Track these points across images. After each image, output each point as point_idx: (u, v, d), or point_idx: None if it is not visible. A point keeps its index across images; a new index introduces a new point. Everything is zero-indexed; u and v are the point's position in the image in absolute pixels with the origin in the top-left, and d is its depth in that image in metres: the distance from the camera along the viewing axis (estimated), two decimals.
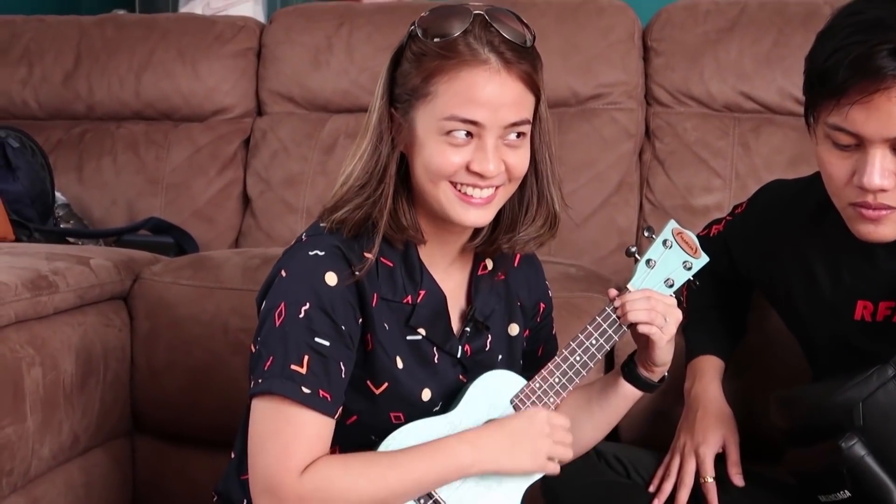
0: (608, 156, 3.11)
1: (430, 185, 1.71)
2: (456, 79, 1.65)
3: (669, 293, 1.84)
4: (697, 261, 1.85)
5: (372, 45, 3.26)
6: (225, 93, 3.36)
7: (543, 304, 1.98)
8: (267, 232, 3.21)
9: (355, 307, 1.72)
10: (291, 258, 1.73)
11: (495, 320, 1.88)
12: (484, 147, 1.68)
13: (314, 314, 1.67)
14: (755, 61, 3.08)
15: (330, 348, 1.68)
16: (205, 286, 2.59)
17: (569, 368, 1.80)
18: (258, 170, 3.28)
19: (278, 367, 1.66)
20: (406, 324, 1.78)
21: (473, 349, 1.84)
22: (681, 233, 1.85)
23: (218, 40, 3.38)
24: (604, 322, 1.82)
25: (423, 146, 1.69)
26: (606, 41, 3.17)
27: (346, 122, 3.25)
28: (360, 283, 1.72)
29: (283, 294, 1.70)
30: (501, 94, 1.66)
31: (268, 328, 1.69)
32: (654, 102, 3.17)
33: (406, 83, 1.68)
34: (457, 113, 1.66)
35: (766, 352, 2.28)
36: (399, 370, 1.76)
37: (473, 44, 1.66)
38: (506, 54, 1.66)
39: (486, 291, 1.87)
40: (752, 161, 3.03)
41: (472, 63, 1.65)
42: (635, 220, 3.08)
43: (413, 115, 1.69)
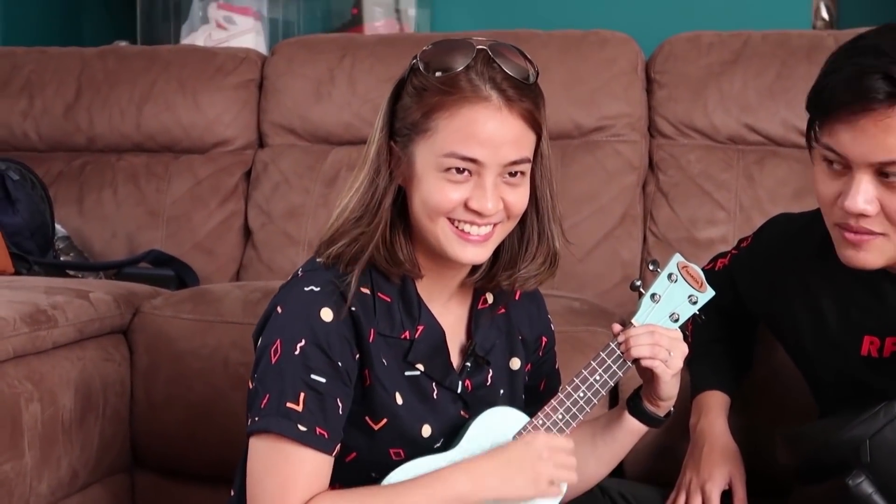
0: (611, 188, 3.11)
1: (427, 220, 1.71)
2: (456, 115, 1.65)
3: (674, 328, 1.83)
4: (703, 295, 1.85)
5: (374, 77, 3.26)
6: (226, 125, 3.36)
7: (546, 337, 1.97)
8: (268, 265, 3.20)
9: (351, 343, 1.71)
10: (287, 294, 1.73)
11: (496, 355, 1.87)
12: (483, 185, 1.68)
13: (310, 351, 1.67)
14: (759, 93, 3.08)
15: (326, 385, 1.68)
16: (205, 320, 2.58)
17: (573, 405, 1.79)
18: (259, 202, 3.28)
19: (274, 405, 1.66)
20: (404, 359, 1.77)
21: (474, 384, 1.84)
22: (686, 266, 1.85)
23: (219, 72, 3.38)
24: (608, 357, 1.81)
25: (421, 181, 1.69)
26: (609, 73, 3.17)
27: (348, 155, 3.24)
28: (356, 318, 1.72)
29: (278, 331, 1.70)
30: (502, 133, 1.66)
31: (264, 365, 1.69)
32: (657, 134, 3.17)
33: (406, 117, 1.68)
34: (456, 150, 1.66)
35: (772, 387, 2.27)
36: (398, 406, 1.76)
37: (475, 80, 1.66)
38: (508, 91, 1.66)
39: (487, 326, 1.86)
40: (757, 193, 3.02)
41: (472, 100, 1.65)
42: (639, 252, 3.08)
43: (412, 149, 1.69)
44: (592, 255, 3.06)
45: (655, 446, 2.29)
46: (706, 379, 2.17)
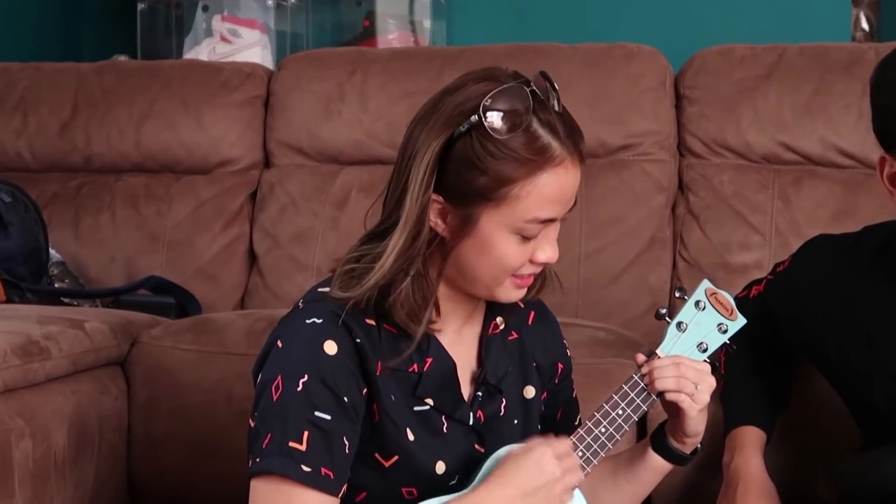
0: (639, 210, 3.10)
1: (489, 279, 1.73)
2: (537, 182, 1.67)
3: (703, 358, 1.82)
4: (734, 323, 1.84)
5: (386, 93, 3.26)
6: (230, 144, 3.37)
7: (561, 364, 1.97)
8: (274, 291, 3.20)
9: (358, 377, 1.71)
10: (288, 327, 1.73)
11: (509, 383, 1.87)
12: (550, 236, 1.73)
13: (313, 387, 1.67)
14: (795, 110, 3.07)
15: (332, 422, 1.67)
16: (207, 351, 2.58)
17: (593, 441, 1.79)
18: (265, 225, 3.28)
19: (276, 445, 1.66)
20: (413, 394, 1.77)
21: (487, 415, 1.84)
22: (715, 293, 1.84)
23: (223, 88, 3.39)
24: (631, 390, 1.80)
25: (488, 244, 1.70)
26: (637, 89, 3.17)
27: (359, 175, 3.24)
28: (362, 351, 1.72)
29: (279, 366, 1.70)
30: (574, 185, 1.72)
31: (265, 403, 1.69)
32: (687, 153, 3.17)
33: (471, 182, 1.67)
34: (539, 216, 1.69)
35: (810, 422, 2.26)
36: (410, 442, 1.76)
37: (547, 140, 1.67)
38: (568, 143, 1.68)
39: (499, 352, 1.86)
40: (794, 216, 3.01)
41: (549, 165, 1.68)
42: (668, 279, 3.07)
43: (475, 213, 1.69)
44: (619, 282, 3.05)
45: (686, 485, 2.27)
46: (741, 414, 2.16)
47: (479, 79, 1.70)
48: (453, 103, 1.68)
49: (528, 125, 1.66)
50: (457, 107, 1.68)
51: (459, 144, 1.67)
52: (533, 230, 1.70)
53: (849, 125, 3.01)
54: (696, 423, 1.82)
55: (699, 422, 1.83)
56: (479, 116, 1.66)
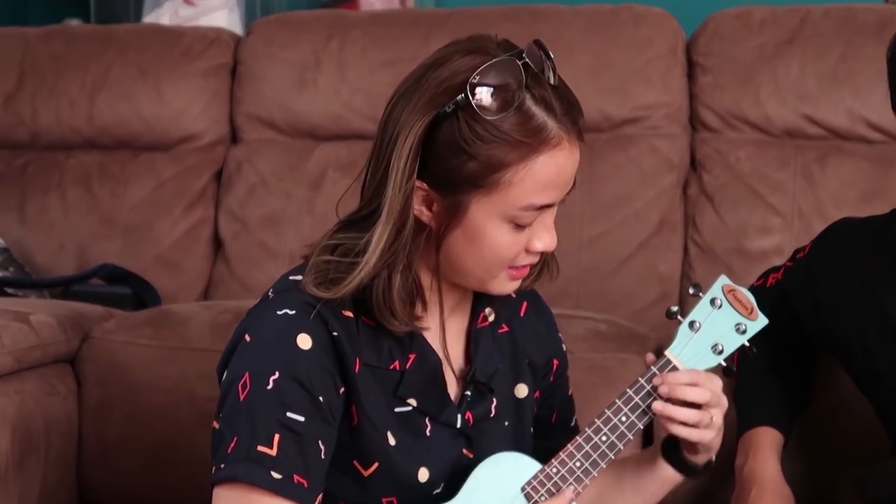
0: (647, 191, 3.10)
1: (481, 271, 1.73)
2: (533, 165, 1.66)
3: (718, 361, 1.82)
4: (754, 323, 1.84)
5: (367, 61, 3.26)
6: (193, 117, 3.36)
7: (557, 360, 1.96)
8: (242, 281, 3.20)
9: (335, 374, 1.71)
10: (256, 319, 1.73)
11: (500, 381, 1.87)
12: (546, 223, 1.72)
13: (285, 385, 1.66)
14: (820, 79, 3.07)
15: (305, 424, 1.66)
16: (167, 346, 2.58)
17: (593, 450, 1.78)
18: (232, 208, 3.28)
19: (243, 449, 1.65)
20: (394, 394, 1.77)
21: (476, 416, 1.83)
22: (733, 290, 1.84)
23: (186, 55, 3.39)
24: (636, 395, 1.80)
25: (479, 234, 1.69)
26: (644, 56, 3.17)
27: (336, 152, 3.24)
28: (339, 345, 1.71)
29: (247, 362, 1.69)
30: (573, 167, 1.70)
31: (230, 403, 1.68)
32: (700, 127, 3.17)
33: (460, 168, 1.66)
34: (535, 202, 1.68)
35: (833, 425, 2.26)
36: (392, 447, 1.75)
37: (541, 118, 1.65)
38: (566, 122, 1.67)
39: (488, 347, 1.86)
40: (818, 196, 3.01)
41: (545, 147, 1.66)
42: (679, 266, 3.07)
43: (464, 200, 1.68)
44: (624, 269, 3.05)
45: (696, 490, 2.28)
46: (756, 414, 2.16)
47: (465, 51, 1.68)
48: (437, 79, 1.66)
49: (520, 103, 1.64)
50: (441, 83, 1.66)
51: (445, 126, 1.66)
52: (528, 217, 1.69)
53: (879, 95, 2.98)
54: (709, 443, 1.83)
55: (716, 439, 1.83)
56: (465, 95, 1.64)
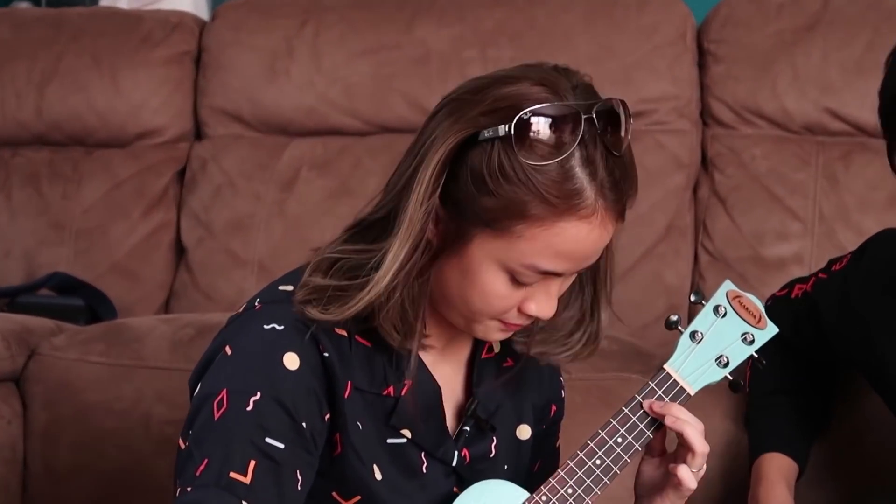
0: (653, 192, 3.09)
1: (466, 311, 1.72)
2: (551, 229, 1.64)
3: (723, 374, 1.82)
4: (762, 332, 1.84)
5: (345, 49, 3.26)
6: (153, 110, 3.37)
7: (555, 406, 1.97)
8: (206, 292, 3.21)
9: (321, 400, 1.71)
10: (240, 331, 1.73)
11: (502, 419, 1.87)
12: (549, 291, 1.71)
13: (266, 407, 1.66)
14: (844, 69, 3.07)
15: (285, 452, 1.67)
16: (122, 364, 2.58)
17: (586, 475, 1.77)
18: (196, 211, 3.28)
19: (214, 474, 1.64)
20: (386, 423, 1.77)
21: (473, 455, 1.83)
22: (739, 296, 1.84)
23: (145, 42, 3.39)
24: (633, 414, 1.80)
25: (472, 273, 1.69)
26: (650, 43, 3.17)
27: (310, 149, 3.24)
28: (330, 367, 1.71)
29: (226, 378, 1.69)
30: (598, 246, 1.70)
31: (203, 421, 1.68)
32: (712, 122, 3.17)
33: (474, 199, 1.65)
34: (539, 265, 1.67)
35: (857, 449, 2.26)
36: (377, 482, 1.75)
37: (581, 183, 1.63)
38: (610, 196, 1.65)
39: (491, 381, 1.86)
40: (842, 199, 3.02)
41: (574, 214, 1.64)
42: (688, 275, 3.08)
43: (469, 232, 1.67)
44: (628, 280, 3.05)
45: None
46: (765, 440, 2.17)
47: (537, 80, 1.67)
48: (494, 97, 1.66)
49: (565, 159, 1.63)
50: (494, 102, 1.65)
51: (478, 149, 1.65)
52: (529, 277, 1.68)
53: None
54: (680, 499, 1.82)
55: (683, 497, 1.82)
56: (510, 127, 1.63)
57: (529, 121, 1.63)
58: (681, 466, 1.77)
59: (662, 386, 1.81)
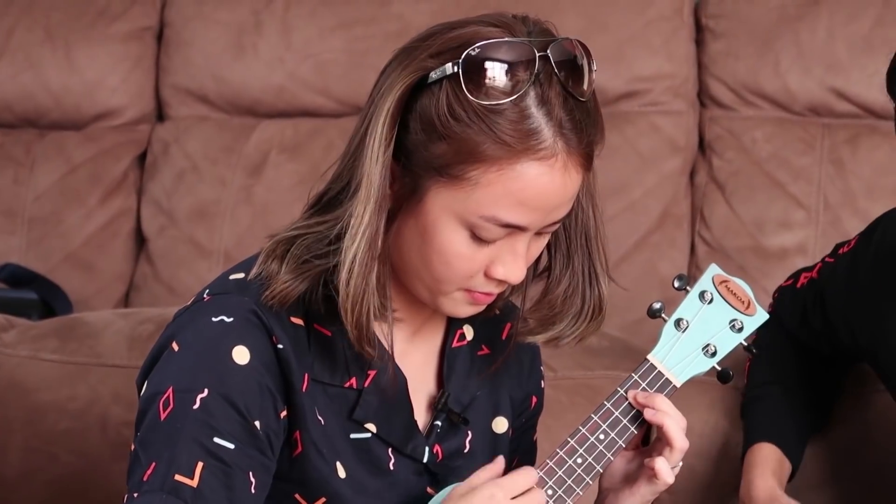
0: (647, 177, 3.12)
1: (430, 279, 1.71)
2: (508, 172, 1.64)
3: (711, 365, 1.83)
4: (751, 318, 1.84)
5: (317, 23, 3.26)
6: (111, 89, 3.37)
7: (536, 397, 1.96)
8: (168, 284, 3.21)
9: (276, 395, 1.70)
10: (187, 325, 1.73)
11: (476, 412, 1.86)
12: (515, 250, 1.70)
13: (214, 405, 1.66)
14: (851, 46, 3.09)
15: (235, 453, 1.66)
16: (76, 362, 2.58)
17: (567, 475, 1.77)
18: (157, 197, 3.28)
19: (160, 478, 1.65)
20: (349, 417, 1.76)
21: (446, 452, 1.83)
22: (726, 281, 1.84)
23: (102, 16, 3.39)
24: (615, 408, 1.79)
25: (430, 230, 1.68)
26: (644, 18, 3.18)
27: (280, 131, 3.25)
28: (284, 360, 1.71)
29: (172, 376, 1.69)
30: (561, 194, 1.67)
31: (149, 422, 1.68)
32: (710, 103, 3.19)
33: (429, 148, 1.66)
34: (499, 215, 1.66)
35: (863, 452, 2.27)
36: (341, 481, 1.75)
37: (538, 123, 1.63)
38: (571, 138, 1.65)
39: (465, 371, 1.85)
40: (848, 184, 3.03)
41: (532, 155, 1.64)
42: (685, 266, 3.09)
43: (426, 184, 1.67)
44: (620, 271, 3.04)
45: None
46: (756, 430, 2.18)
47: (490, 22, 1.68)
48: (442, 40, 1.67)
49: (519, 98, 1.63)
50: (442, 45, 1.66)
51: (426, 93, 1.66)
52: (490, 232, 1.67)
53: None
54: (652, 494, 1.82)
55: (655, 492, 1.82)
56: (457, 63, 1.64)
57: (478, 57, 1.64)
58: (658, 459, 1.77)
59: (646, 378, 1.81)
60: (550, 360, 2.30)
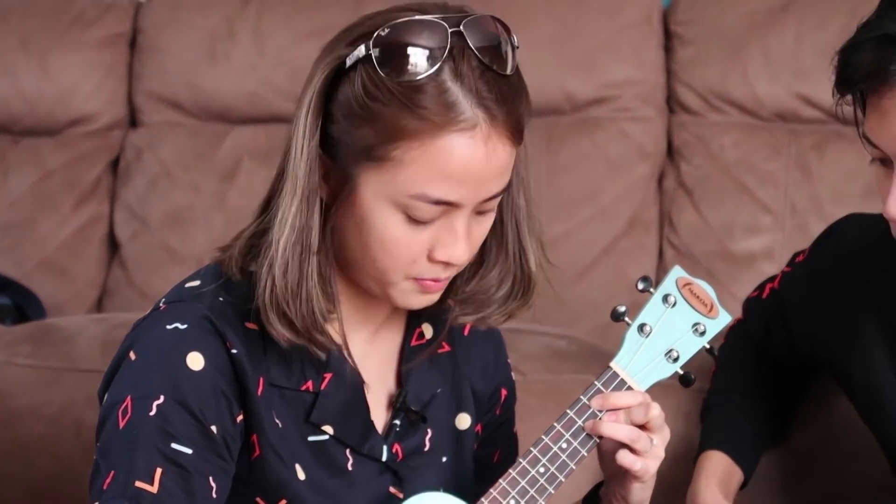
0: (616, 183, 3.13)
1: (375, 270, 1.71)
2: (430, 147, 1.65)
3: (674, 369, 1.83)
4: (714, 321, 1.84)
5: (290, 30, 3.28)
6: (85, 96, 3.37)
7: (505, 389, 1.97)
8: (142, 290, 3.21)
9: (231, 400, 1.72)
10: (143, 334, 1.74)
11: (437, 409, 1.87)
12: (453, 228, 1.69)
13: (170, 411, 1.68)
14: (818, 53, 3.07)
15: (193, 458, 1.68)
16: (50, 367, 2.58)
17: (530, 484, 1.77)
18: (131, 203, 3.29)
19: (119, 485, 1.66)
20: (306, 420, 1.78)
21: (406, 450, 1.84)
22: (689, 284, 1.84)
23: (77, 23, 3.39)
24: (578, 417, 1.79)
25: (367, 219, 1.69)
26: (614, 24, 3.20)
27: (252, 137, 3.26)
28: (238, 364, 1.72)
29: (130, 384, 1.70)
30: (488, 166, 1.67)
31: (109, 431, 1.70)
32: (679, 109, 3.20)
33: (352, 133, 1.67)
34: (428, 192, 1.66)
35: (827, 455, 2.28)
36: (301, 483, 1.76)
37: (455, 96, 1.65)
38: (493, 109, 1.66)
39: (424, 369, 1.86)
40: (815, 190, 3.05)
41: (453, 127, 1.65)
42: (653, 271, 3.10)
43: (355, 171, 1.68)
44: (589, 276, 3.07)
45: None
46: (710, 437, 2.18)
47: (407, 7, 1.70)
48: (359, 27, 1.68)
49: (434, 73, 1.64)
50: (358, 31, 1.68)
51: (345, 81, 1.67)
52: (423, 211, 1.68)
53: None
54: (643, 489, 1.82)
55: (647, 487, 1.82)
56: (368, 45, 1.65)
57: (389, 37, 1.65)
58: (620, 453, 1.77)
59: (609, 385, 1.80)
60: (520, 363, 2.31)
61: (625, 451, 1.77)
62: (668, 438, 1.81)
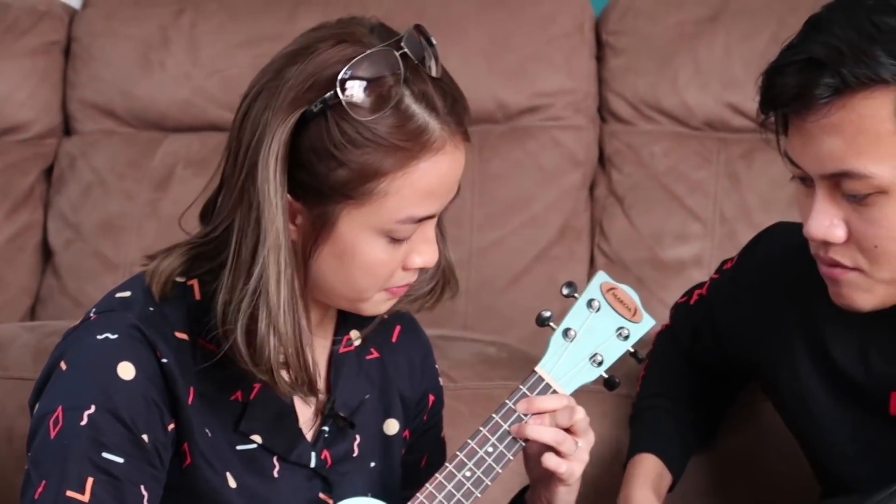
0: (547, 191, 3.14)
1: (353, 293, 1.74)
2: (412, 174, 1.68)
3: (598, 374, 1.85)
4: (637, 325, 1.87)
5: (223, 39, 3.27)
6: (18, 104, 3.35)
7: (433, 395, 1.99)
8: (75, 298, 3.19)
9: (162, 408, 1.73)
10: (74, 344, 1.75)
11: (365, 415, 1.89)
12: (426, 236, 1.74)
13: (101, 420, 1.68)
14: (747, 63, 3.11)
15: (124, 467, 1.69)
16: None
17: (456, 488, 1.78)
18: (64, 211, 3.28)
19: (51, 495, 1.67)
20: (235, 429, 1.79)
21: (335, 456, 1.86)
22: (613, 288, 1.87)
23: (10, 31, 3.37)
24: (504, 421, 1.81)
25: (349, 252, 1.71)
26: (546, 35, 3.20)
27: (186, 146, 3.25)
28: (169, 374, 1.73)
29: (60, 394, 1.71)
30: (457, 171, 1.73)
31: (40, 441, 1.70)
32: (610, 118, 3.22)
33: (327, 176, 1.68)
34: (414, 213, 1.70)
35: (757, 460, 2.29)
36: (232, 491, 1.77)
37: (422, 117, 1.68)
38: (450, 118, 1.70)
39: (352, 375, 1.88)
40: (744, 198, 3.07)
41: (427, 150, 1.69)
42: (584, 279, 3.08)
43: (332, 212, 1.70)
44: (520, 283, 3.08)
45: None
46: (640, 441, 2.19)
47: (334, 38, 1.70)
48: (303, 73, 1.68)
49: (398, 101, 1.67)
50: (308, 78, 1.68)
51: (312, 127, 1.68)
52: (406, 231, 1.72)
53: None
54: (568, 492, 1.85)
55: (572, 491, 1.85)
56: (335, 92, 1.66)
57: (350, 79, 1.66)
58: (546, 455, 1.79)
59: (535, 389, 1.82)
60: (449, 370, 2.31)
61: (550, 454, 1.79)
62: (592, 442, 1.84)
